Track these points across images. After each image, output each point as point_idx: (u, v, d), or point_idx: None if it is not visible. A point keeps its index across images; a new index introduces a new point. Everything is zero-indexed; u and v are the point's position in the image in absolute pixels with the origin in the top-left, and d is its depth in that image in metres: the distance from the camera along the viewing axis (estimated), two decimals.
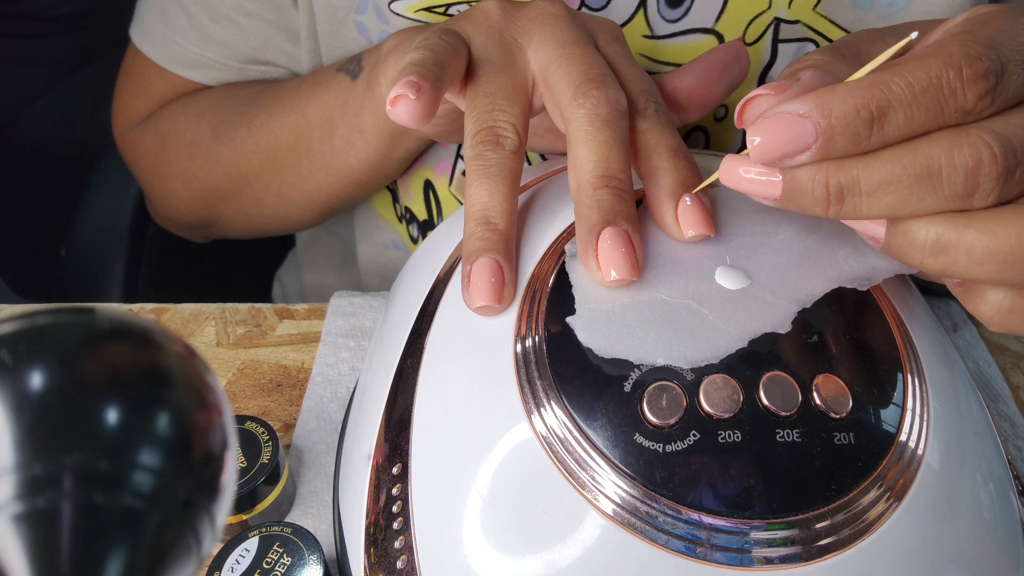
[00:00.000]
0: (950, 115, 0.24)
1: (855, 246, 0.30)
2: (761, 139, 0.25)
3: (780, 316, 0.28)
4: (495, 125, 0.32)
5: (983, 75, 0.23)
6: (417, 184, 0.52)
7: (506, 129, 0.32)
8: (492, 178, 0.31)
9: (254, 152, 0.50)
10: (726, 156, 0.27)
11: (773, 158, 0.25)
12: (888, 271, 0.29)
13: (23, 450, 0.14)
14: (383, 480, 0.30)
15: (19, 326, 0.15)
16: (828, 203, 0.25)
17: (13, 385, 0.15)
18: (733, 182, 0.26)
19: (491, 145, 0.31)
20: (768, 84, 0.27)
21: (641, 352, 0.27)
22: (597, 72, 0.32)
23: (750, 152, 0.25)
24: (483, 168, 0.31)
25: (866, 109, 0.23)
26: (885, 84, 0.24)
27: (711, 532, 0.25)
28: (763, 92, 0.27)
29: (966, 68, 0.23)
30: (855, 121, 0.24)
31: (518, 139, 0.32)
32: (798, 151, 0.24)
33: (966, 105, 0.24)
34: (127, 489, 0.15)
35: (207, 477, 0.16)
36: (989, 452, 0.29)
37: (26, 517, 0.14)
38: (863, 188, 0.24)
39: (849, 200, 0.25)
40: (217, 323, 0.48)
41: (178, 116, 0.54)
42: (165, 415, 0.16)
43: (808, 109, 0.24)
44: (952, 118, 0.24)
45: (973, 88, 0.23)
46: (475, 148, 0.32)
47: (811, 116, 0.24)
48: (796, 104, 0.24)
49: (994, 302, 0.26)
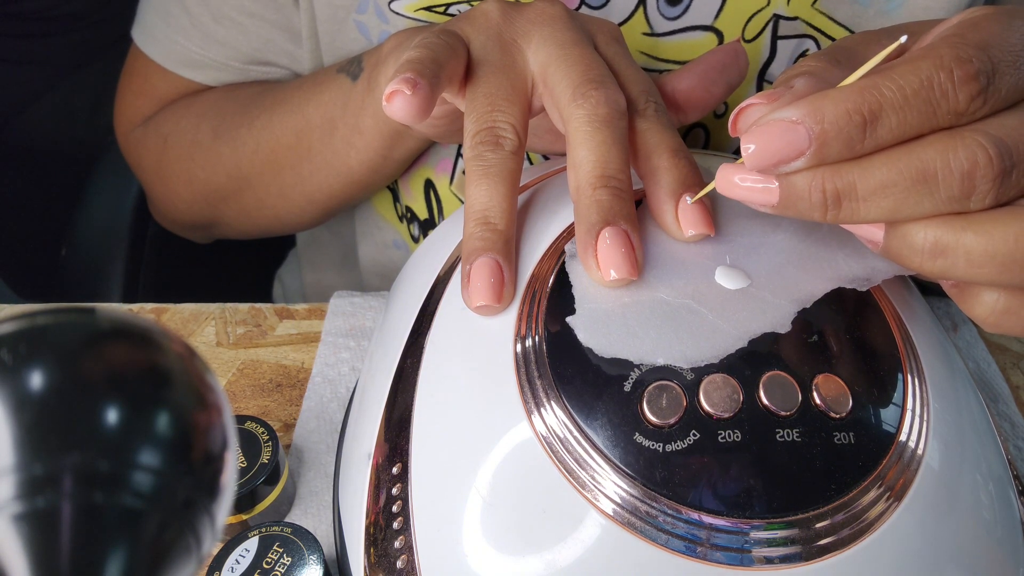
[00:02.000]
0: (943, 117, 0.24)
1: (855, 247, 0.30)
2: (755, 147, 0.25)
3: (780, 316, 0.28)
4: (495, 126, 0.32)
5: (974, 76, 0.23)
6: (418, 183, 0.52)
7: (505, 130, 0.32)
8: (492, 178, 0.31)
9: (255, 153, 0.50)
10: (721, 165, 0.27)
11: (768, 165, 0.25)
12: (887, 272, 0.29)
13: (23, 450, 0.14)
14: (383, 480, 0.30)
15: (19, 326, 0.15)
16: (826, 208, 0.25)
17: (13, 385, 0.15)
18: (729, 190, 0.26)
19: (491, 146, 0.31)
20: (761, 93, 0.27)
21: (641, 352, 0.27)
22: (596, 73, 0.32)
23: (745, 160, 0.25)
24: (483, 169, 0.31)
25: (858, 113, 0.24)
26: (877, 88, 0.24)
27: (711, 532, 0.25)
28: (756, 101, 0.27)
29: (957, 70, 0.23)
30: (848, 126, 0.24)
31: (517, 140, 0.32)
32: (792, 157, 0.24)
33: (958, 107, 0.24)
34: (127, 489, 0.15)
35: (207, 477, 0.16)
36: (989, 452, 0.29)
37: (26, 517, 0.14)
38: (860, 192, 0.24)
39: (846, 205, 0.25)
40: (217, 323, 0.48)
41: (180, 117, 0.54)
42: (165, 415, 0.16)
43: (801, 115, 0.24)
44: (945, 120, 0.24)
45: (964, 89, 0.24)
46: (475, 149, 0.32)
47: (804, 122, 0.24)
48: (789, 111, 0.24)
49: (989, 303, 0.26)
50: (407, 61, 0.32)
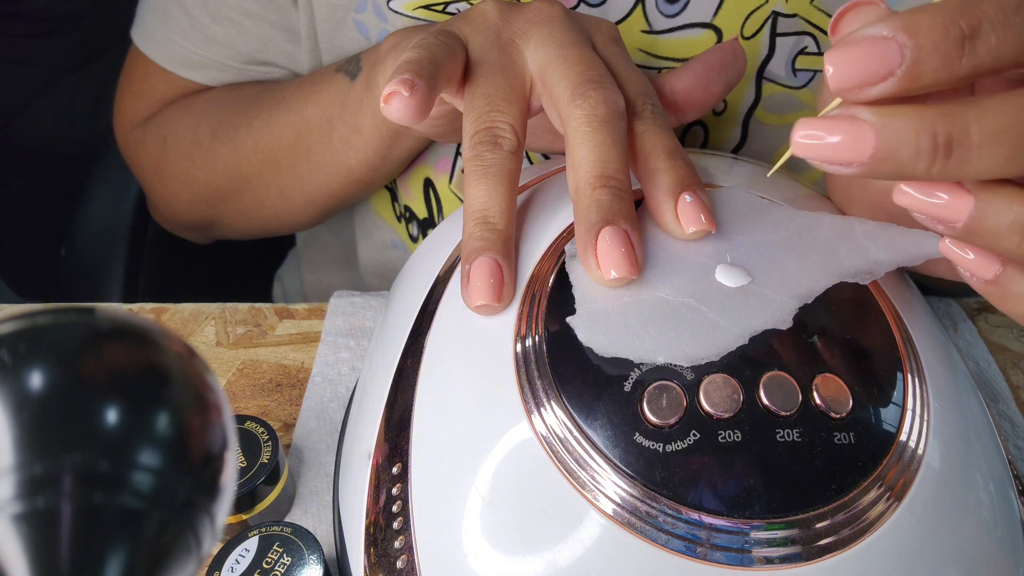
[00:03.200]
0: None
1: (856, 241, 0.30)
2: (835, 68, 0.22)
3: (781, 312, 0.28)
4: (493, 126, 0.32)
5: None
6: (417, 182, 0.52)
7: (504, 130, 0.32)
8: (491, 179, 0.31)
9: (254, 153, 0.50)
10: (798, 121, 0.24)
11: (853, 85, 0.22)
12: (889, 264, 0.29)
13: (23, 450, 0.14)
14: (383, 480, 0.30)
15: (19, 326, 0.15)
16: (934, 157, 0.22)
17: (13, 385, 0.15)
18: (809, 150, 0.23)
19: (489, 146, 0.31)
20: None
21: (641, 351, 0.27)
22: (595, 73, 0.32)
23: (829, 81, 0.22)
24: (481, 169, 0.31)
25: (956, 27, 0.21)
26: (975, 3, 0.22)
27: (711, 532, 0.25)
28: None
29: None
30: (944, 40, 0.21)
31: (516, 140, 0.32)
32: (881, 76, 0.22)
33: None
34: (127, 489, 0.15)
35: (207, 477, 0.16)
36: (989, 452, 0.29)
37: (26, 517, 0.14)
38: (974, 138, 0.22)
39: (957, 153, 0.22)
40: (217, 323, 0.48)
41: (179, 117, 0.54)
42: (165, 415, 0.16)
43: (892, 30, 0.22)
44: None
45: None
46: (474, 149, 0.32)
47: (896, 36, 0.22)
48: (878, 27, 0.22)
49: None
50: (405, 62, 0.32)
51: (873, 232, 0.30)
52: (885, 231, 0.30)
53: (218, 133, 0.52)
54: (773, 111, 0.47)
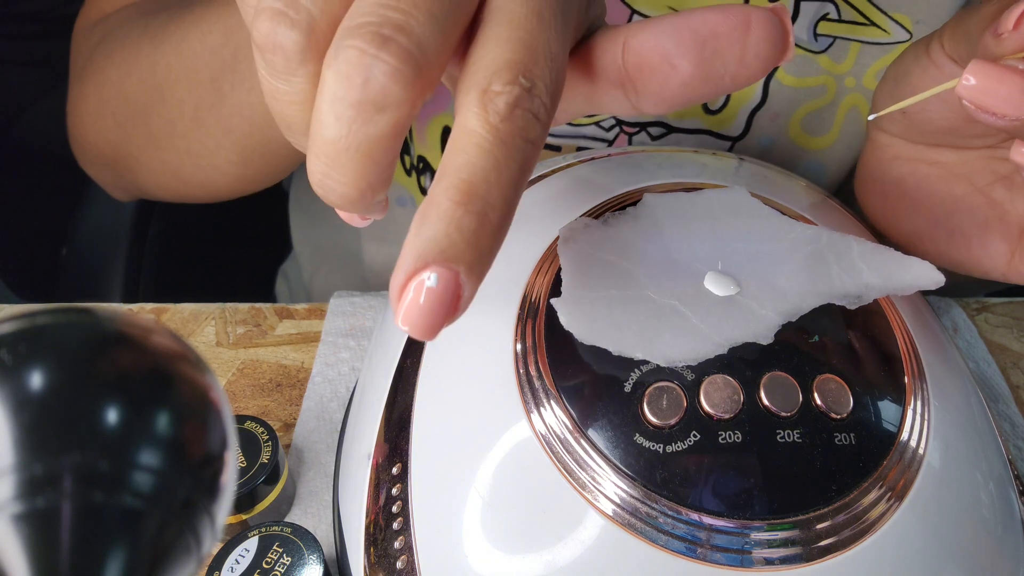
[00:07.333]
0: None
1: (850, 262, 0.30)
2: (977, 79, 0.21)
3: (763, 327, 0.27)
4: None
5: None
6: (435, 131, 0.49)
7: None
8: (516, 142, 0.20)
9: (176, 53, 0.45)
10: (972, 61, 0.22)
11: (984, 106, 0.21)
12: (880, 291, 0.29)
13: (23, 450, 0.14)
14: (383, 480, 0.30)
15: (19, 326, 0.15)
16: None
17: (13, 385, 0.15)
18: (973, 92, 0.22)
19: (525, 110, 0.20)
20: None
21: (621, 344, 0.27)
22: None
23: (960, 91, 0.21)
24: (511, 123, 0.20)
25: None
26: None
27: (711, 533, 0.25)
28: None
29: None
30: None
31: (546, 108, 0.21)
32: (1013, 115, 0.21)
33: None
34: (127, 489, 0.15)
35: (207, 477, 0.16)
36: (990, 452, 0.29)
37: (26, 517, 0.14)
38: None
39: None
40: (217, 323, 0.48)
41: (125, 16, 0.51)
42: (165, 415, 0.16)
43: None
44: None
45: None
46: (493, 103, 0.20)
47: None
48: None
49: None
50: None
51: (869, 253, 0.30)
52: (881, 254, 0.30)
53: (147, 28, 0.47)
54: (792, 73, 0.47)
